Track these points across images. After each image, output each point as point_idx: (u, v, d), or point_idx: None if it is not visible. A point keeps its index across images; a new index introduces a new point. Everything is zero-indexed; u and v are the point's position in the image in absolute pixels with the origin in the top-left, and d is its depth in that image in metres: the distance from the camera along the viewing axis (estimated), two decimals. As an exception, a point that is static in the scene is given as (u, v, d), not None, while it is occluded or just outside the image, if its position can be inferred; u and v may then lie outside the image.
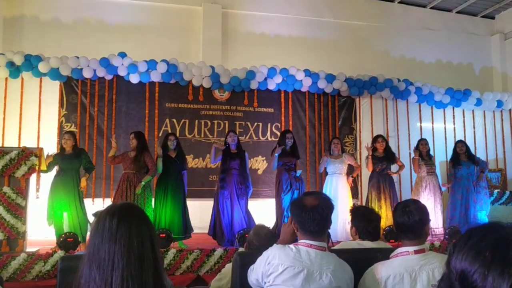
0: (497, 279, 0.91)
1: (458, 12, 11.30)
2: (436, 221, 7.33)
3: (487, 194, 7.81)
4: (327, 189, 7.18)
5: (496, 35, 11.46)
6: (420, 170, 7.48)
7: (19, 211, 5.56)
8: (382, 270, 2.18)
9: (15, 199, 5.56)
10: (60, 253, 5.31)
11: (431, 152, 8.23)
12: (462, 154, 7.60)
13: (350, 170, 7.68)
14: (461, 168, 7.51)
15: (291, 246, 2.14)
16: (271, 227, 4.88)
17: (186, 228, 6.39)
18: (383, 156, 7.32)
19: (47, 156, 6.13)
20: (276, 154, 6.70)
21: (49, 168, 6.20)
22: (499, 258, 0.93)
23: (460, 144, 7.71)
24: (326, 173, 7.48)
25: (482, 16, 11.54)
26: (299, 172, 6.86)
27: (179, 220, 6.33)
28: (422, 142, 7.65)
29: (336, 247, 3.03)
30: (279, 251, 2.12)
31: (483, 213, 7.60)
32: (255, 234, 3.14)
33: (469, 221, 7.25)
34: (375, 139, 7.55)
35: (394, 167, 7.56)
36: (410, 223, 2.23)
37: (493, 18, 11.64)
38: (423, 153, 7.53)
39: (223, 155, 6.66)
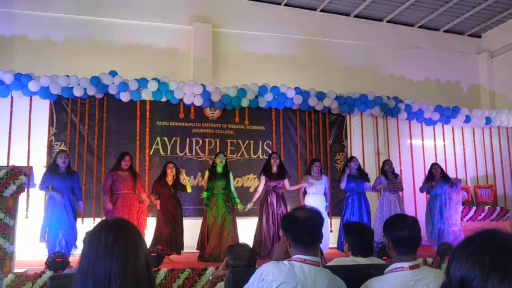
0: (497, 286, 0.90)
1: (445, 31, 11.48)
2: None
3: (457, 210, 7.90)
4: None
5: (483, 53, 11.65)
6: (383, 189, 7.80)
7: (7, 231, 5.46)
8: (377, 285, 2.16)
9: (3, 218, 5.47)
10: (48, 273, 5.22)
11: (421, 169, 8.48)
12: (436, 175, 7.82)
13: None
14: (436, 188, 7.72)
15: (285, 262, 2.12)
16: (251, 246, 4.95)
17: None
18: (358, 175, 7.67)
19: None
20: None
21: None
22: (499, 264, 0.93)
23: (436, 166, 7.95)
24: (305, 193, 7.53)
25: (469, 35, 11.73)
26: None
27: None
28: (388, 163, 7.96)
29: (330, 263, 3.00)
30: (272, 267, 2.09)
31: (456, 228, 7.72)
32: (232, 253, 3.01)
33: (445, 237, 7.43)
34: (349, 159, 7.93)
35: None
36: (414, 235, 2.23)
37: (479, 36, 11.84)
38: (388, 172, 7.80)
39: (210, 175, 7.02)
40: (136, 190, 6.82)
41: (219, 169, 7.01)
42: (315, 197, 7.39)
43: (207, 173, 7.09)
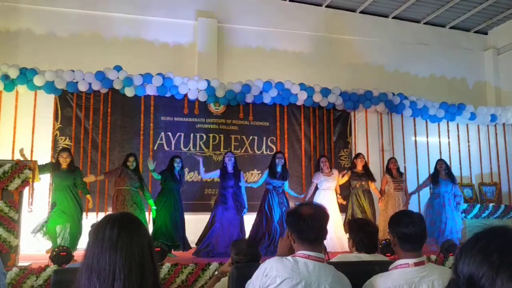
0: (506, 283, 0.89)
1: (451, 28, 11.41)
2: None
3: (459, 211, 7.92)
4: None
5: (489, 50, 11.57)
6: (388, 187, 7.83)
7: (11, 225, 5.48)
8: (382, 282, 2.15)
9: (7, 212, 5.49)
10: (52, 267, 5.24)
11: (425, 166, 8.60)
12: (442, 172, 7.79)
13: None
14: (440, 186, 7.69)
15: (289, 257, 2.12)
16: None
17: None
18: (363, 173, 7.72)
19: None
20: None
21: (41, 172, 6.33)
22: (508, 261, 0.92)
23: (441, 162, 7.96)
24: (316, 188, 7.59)
25: (475, 32, 11.66)
26: None
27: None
28: (393, 161, 8.00)
29: (334, 259, 3.00)
30: (276, 263, 2.09)
31: (458, 228, 7.70)
32: (236, 248, 3.20)
33: (445, 236, 7.38)
34: (356, 156, 8.00)
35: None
36: (420, 232, 2.22)
37: (486, 33, 11.76)
38: (393, 170, 7.84)
39: (221, 175, 6.99)
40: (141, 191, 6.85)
41: (229, 168, 7.01)
42: (327, 193, 7.50)
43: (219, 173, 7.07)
